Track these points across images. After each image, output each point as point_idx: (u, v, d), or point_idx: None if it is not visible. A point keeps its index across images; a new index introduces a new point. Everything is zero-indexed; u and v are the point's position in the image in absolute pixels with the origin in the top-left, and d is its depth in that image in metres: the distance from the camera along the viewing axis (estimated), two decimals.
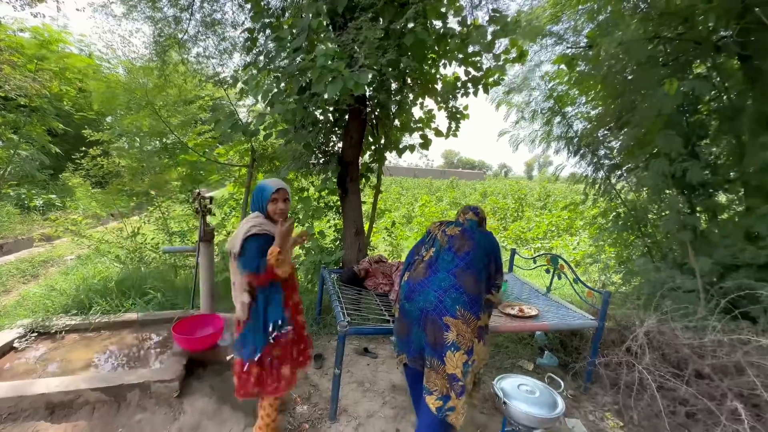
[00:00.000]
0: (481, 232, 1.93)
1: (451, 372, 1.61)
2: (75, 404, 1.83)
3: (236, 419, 1.95)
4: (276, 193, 1.68)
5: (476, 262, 1.78)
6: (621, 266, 4.19)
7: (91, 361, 2.25)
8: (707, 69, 3.57)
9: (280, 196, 1.69)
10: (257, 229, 1.58)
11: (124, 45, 4.13)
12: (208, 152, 3.50)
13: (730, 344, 2.03)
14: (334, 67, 2.44)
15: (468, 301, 1.68)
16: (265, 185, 1.71)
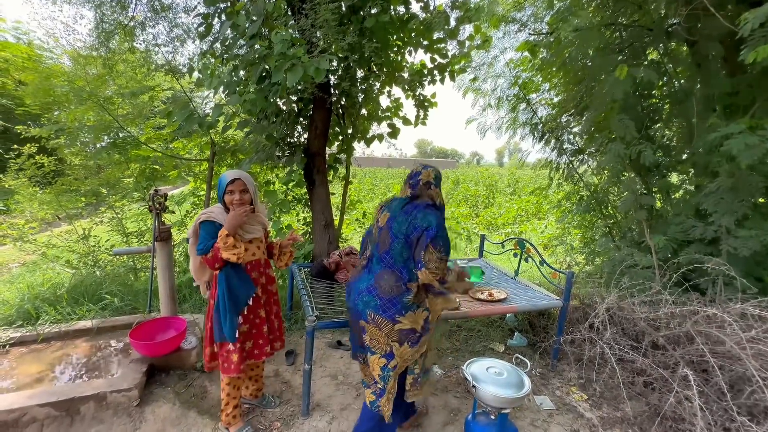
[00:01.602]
0: (407, 213, 1.60)
1: (374, 373, 1.61)
2: (21, 423, 1.69)
3: (203, 424, 1.87)
4: (231, 185, 1.70)
5: (397, 259, 1.57)
6: (585, 247, 4.37)
7: (40, 374, 2.09)
8: (659, 55, 3.72)
9: (236, 187, 1.70)
10: (205, 217, 1.68)
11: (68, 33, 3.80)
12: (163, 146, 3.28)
13: (681, 315, 2.15)
14: (292, 54, 2.34)
15: (380, 305, 1.54)
16: (222, 177, 1.74)
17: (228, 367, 1.70)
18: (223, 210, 1.72)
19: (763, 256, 2.67)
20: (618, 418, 2.15)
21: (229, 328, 1.67)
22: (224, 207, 1.72)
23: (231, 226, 1.62)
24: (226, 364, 1.71)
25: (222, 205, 1.73)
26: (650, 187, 3.58)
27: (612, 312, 2.48)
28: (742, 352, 1.69)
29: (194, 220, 1.76)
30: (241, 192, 1.71)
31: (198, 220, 1.71)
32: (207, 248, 1.64)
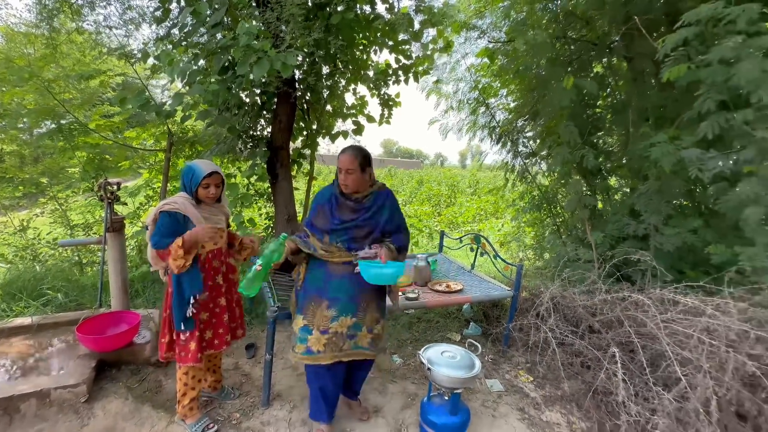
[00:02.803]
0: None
1: None
2: None
3: (158, 417, 1.84)
4: (209, 178, 1.64)
5: None
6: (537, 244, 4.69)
7: None
8: (603, 68, 4.08)
9: (213, 180, 1.66)
10: (167, 207, 1.60)
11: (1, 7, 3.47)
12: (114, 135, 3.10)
13: (612, 302, 2.40)
14: (259, 47, 2.33)
15: None
16: (197, 167, 1.65)
17: (185, 356, 1.67)
18: (187, 201, 1.65)
19: (685, 252, 3.01)
20: (558, 396, 2.37)
21: (187, 317, 1.65)
22: (194, 199, 1.67)
23: (197, 240, 1.59)
24: (183, 353, 1.68)
25: (189, 196, 1.67)
26: (593, 189, 3.92)
27: (555, 301, 2.71)
28: (659, 332, 1.94)
29: (154, 207, 1.72)
30: (217, 186, 1.69)
31: (159, 208, 1.64)
32: (162, 245, 1.60)
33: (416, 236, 5.74)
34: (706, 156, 2.33)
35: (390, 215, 1.76)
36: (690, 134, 2.44)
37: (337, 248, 1.71)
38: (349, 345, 1.72)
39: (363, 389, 2.26)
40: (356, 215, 1.71)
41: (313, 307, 1.71)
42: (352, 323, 1.71)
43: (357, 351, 1.75)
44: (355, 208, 1.72)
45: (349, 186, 1.68)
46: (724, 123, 2.24)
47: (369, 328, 1.76)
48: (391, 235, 1.80)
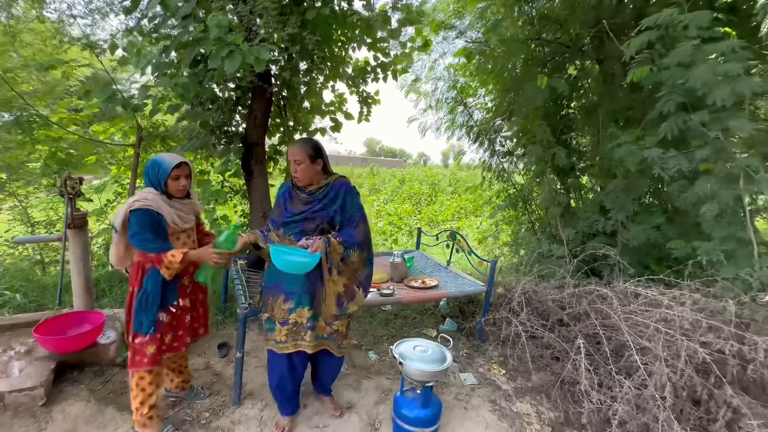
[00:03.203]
0: None
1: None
2: None
3: (122, 419, 1.78)
4: (178, 169, 1.60)
5: None
6: (512, 241, 4.79)
7: None
8: (576, 70, 4.20)
9: (183, 172, 1.62)
10: (140, 204, 1.51)
11: None
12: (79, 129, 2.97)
13: (580, 295, 2.49)
14: (231, 41, 2.28)
15: None
16: (163, 160, 1.60)
17: (140, 360, 1.59)
18: (158, 196, 1.58)
19: (651, 247, 3.13)
20: (529, 388, 2.43)
21: (151, 321, 1.59)
22: (164, 193, 1.61)
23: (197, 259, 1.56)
24: (138, 357, 1.59)
25: (158, 190, 1.60)
26: (567, 187, 4.03)
27: (528, 295, 2.78)
28: (621, 324, 2.02)
29: (120, 207, 1.59)
30: (187, 177, 1.64)
31: (129, 206, 1.53)
32: (154, 249, 1.52)
33: (395, 234, 5.77)
34: (666, 155, 2.45)
35: (341, 207, 1.71)
36: (654, 135, 2.55)
37: (289, 241, 1.70)
38: (311, 336, 1.71)
39: (337, 385, 2.26)
40: (307, 207, 1.69)
41: (272, 301, 1.73)
42: (310, 314, 1.71)
43: (319, 342, 1.76)
44: (307, 200, 1.70)
45: (300, 178, 1.67)
46: (682, 124, 2.35)
47: (327, 322, 1.77)
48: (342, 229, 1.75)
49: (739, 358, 1.58)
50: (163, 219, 1.57)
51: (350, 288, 1.76)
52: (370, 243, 1.80)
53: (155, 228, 1.55)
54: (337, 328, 1.79)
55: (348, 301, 1.76)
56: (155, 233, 1.54)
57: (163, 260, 1.52)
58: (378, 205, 8.01)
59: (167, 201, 1.61)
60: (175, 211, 1.62)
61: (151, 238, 1.52)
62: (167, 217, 1.58)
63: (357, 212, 1.75)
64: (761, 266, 2.14)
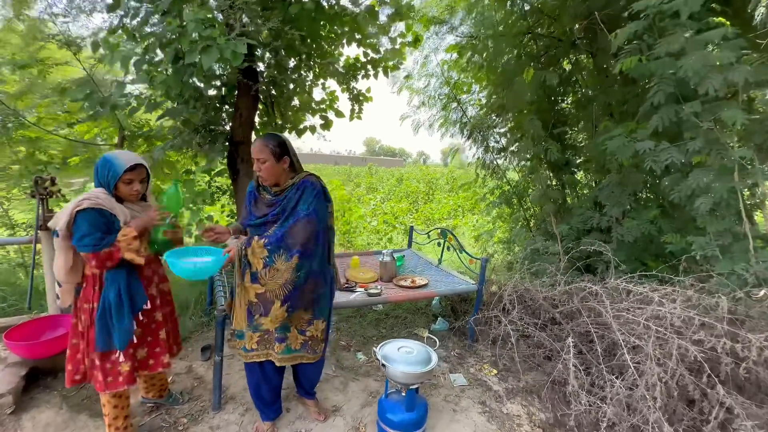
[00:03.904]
0: None
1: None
2: None
3: (95, 426, 1.72)
4: (131, 172, 1.44)
5: None
6: (507, 238, 4.73)
7: None
8: (570, 64, 4.13)
9: (137, 176, 1.47)
10: (90, 203, 1.37)
11: None
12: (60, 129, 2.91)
13: (572, 292, 2.42)
14: (207, 35, 2.22)
15: None
16: (115, 159, 1.43)
17: (114, 381, 1.46)
18: (110, 197, 1.44)
19: (647, 243, 3.07)
20: (520, 388, 2.37)
21: (123, 334, 1.43)
22: (112, 195, 1.45)
23: (146, 227, 1.45)
24: (110, 378, 1.45)
25: (108, 192, 1.44)
26: (562, 183, 3.97)
27: (519, 293, 2.72)
28: (612, 321, 1.95)
29: (63, 208, 1.43)
30: (141, 182, 1.49)
31: (76, 206, 1.36)
32: (105, 244, 1.35)
33: (390, 233, 5.71)
34: (658, 148, 2.38)
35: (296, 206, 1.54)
36: (644, 128, 2.49)
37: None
38: (280, 348, 1.63)
39: (323, 388, 2.21)
40: (269, 210, 1.57)
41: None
42: (279, 324, 1.60)
43: (291, 356, 1.66)
44: (271, 202, 1.58)
45: (264, 177, 1.54)
46: (673, 115, 2.29)
47: (300, 330, 1.67)
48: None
49: (732, 356, 1.52)
50: (117, 220, 1.44)
51: (265, 299, 1.53)
52: (310, 248, 1.52)
53: (108, 229, 1.40)
54: (312, 334, 1.70)
55: (260, 315, 1.55)
56: (108, 232, 1.40)
57: (119, 245, 1.38)
58: (374, 204, 7.95)
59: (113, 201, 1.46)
60: (131, 212, 1.49)
61: (102, 236, 1.37)
62: (122, 217, 1.45)
63: (304, 210, 1.52)
64: (757, 261, 2.08)
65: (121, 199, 1.49)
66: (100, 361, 1.46)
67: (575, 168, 4.11)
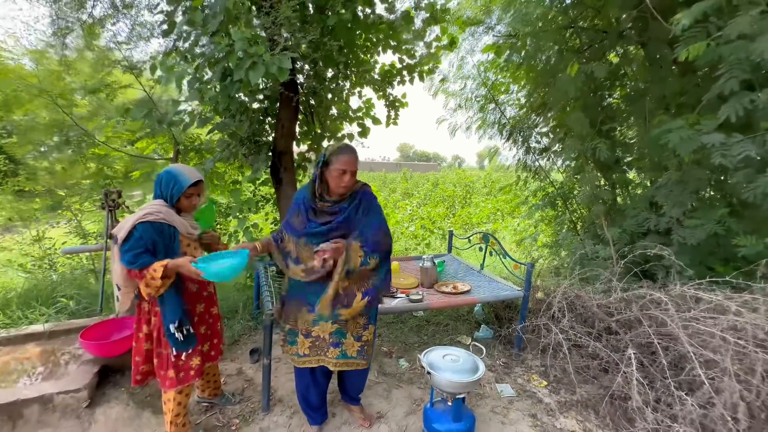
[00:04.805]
0: None
1: None
2: None
3: (157, 423, 1.83)
4: (194, 187, 1.55)
5: None
6: (552, 242, 4.51)
7: None
8: (617, 56, 3.90)
9: (197, 191, 1.57)
10: (153, 217, 1.45)
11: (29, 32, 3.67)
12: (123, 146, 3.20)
13: (630, 300, 2.25)
14: (253, 52, 2.34)
15: None
16: (181, 174, 1.54)
17: (185, 376, 1.55)
18: (171, 210, 1.52)
19: (714, 246, 2.79)
20: (574, 402, 2.23)
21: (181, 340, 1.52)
22: (172, 207, 1.54)
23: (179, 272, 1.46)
24: (182, 373, 1.55)
25: (169, 204, 1.53)
26: (612, 183, 3.73)
27: (570, 300, 2.57)
28: (679, 332, 1.78)
29: (128, 217, 1.50)
30: (199, 196, 1.59)
31: (138, 218, 1.44)
32: (138, 264, 1.41)
33: (428, 238, 5.64)
34: (730, 141, 2.16)
35: (365, 214, 1.65)
36: (711, 119, 2.27)
37: (310, 251, 1.60)
38: (335, 353, 1.67)
39: (366, 394, 2.20)
40: (333, 218, 1.62)
41: (295, 312, 1.69)
42: (334, 329, 1.65)
43: (345, 361, 1.70)
44: (333, 210, 1.62)
45: (347, 187, 1.59)
46: (748, 104, 2.07)
47: (356, 336, 1.70)
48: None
49: None
50: (176, 232, 1.53)
51: (351, 291, 1.61)
52: (389, 253, 1.70)
53: (157, 244, 1.46)
54: (367, 338, 1.73)
55: (343, 306, 1.61)
56: (153, 250, 1.46)
57: (145, 275, 1.41)
58: (411, 209, 7.92)
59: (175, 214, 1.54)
60: (188, 222, 1.59)
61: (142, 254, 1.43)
62: (181, 228, 1.54)
63: (378, 219, 1.68)
64: None
65: (179, 210, 1.59)
66: (175, 359, 1.55)
67: (626, 167, 3.84)
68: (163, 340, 1.55)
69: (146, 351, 1.60)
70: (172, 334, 1.50)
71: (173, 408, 1.64)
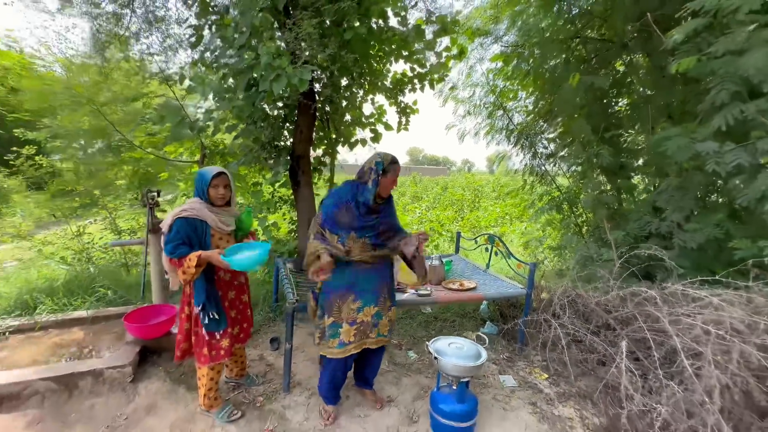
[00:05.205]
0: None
1: None
2: (23, 395, 1.85)
3: (191, 398, 2.05)
4: (216, 179, 1.79)
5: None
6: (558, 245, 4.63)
7: (39, 356, 2.25)
8: (624, 65, 4.02)
9: (221, 182, 1.80)
10: (187, 213, 1.70)
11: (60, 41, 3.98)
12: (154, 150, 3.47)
13: (623, 298, 2.39)
14: (278, 65, 2.56)
15: None
16: (205, 171, 1.82)
17: (216, 355, 1.78)
18: (204, 205, 1.75)
19: (717, 251, 2.88)
20: (573, 393, 2.37)
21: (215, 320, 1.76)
22: (206, 201, 1.78)
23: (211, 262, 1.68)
24: (213, 352, 1.77)
25: (203, 199, 1.78)
26: (618, 188, 3.84)
27: (571, 298, 2.71)
28: (669, 326, 1.92)
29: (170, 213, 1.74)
30: (225, 187, 1.81)
31: (176, 214, 1.68)
32: (177, 254, 1.64)
33: (436, 239, 5.81)
34: (723, 149, 2.29)
35: (390, 210, 2.01)
36: (706, 128, 2.40)
37: (363, 243, 1.83)
38: (375, 333, 1.91)
39: (378, 380, 2.38)
40: (378, 215, 1.90)
41: (339, 303, 1.84)
42: (374, 312, 1.89)
43: (380, 338, 1.94)
44: (377, 209, 1.90)
45: (389, 191, 1.92)
46: (739, 114, 2.20)
47: (387, 317, 1.96)
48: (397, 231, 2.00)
49: None
50: (207, 226, 1.75)
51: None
52: None
53: (191, 237, 1.70)
54: (391, 318, 1.98)
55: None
56: (189, 242, 1.69)
57: (182, 264, 1.64)
58: (420, 212, 8.09)
59: (211, 208, 1.79)
60: (218, 217, 1.80)
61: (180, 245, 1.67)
62: (211, 223, 1.77)
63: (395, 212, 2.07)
64: None
65: (212, 203, 1.81)
66: (208, 339, 1.77)
67: (632, 172, 3.95)
68: (200, 320, 1.77)
69: (186, 330, 1.81)
70: (202, 315, 1.74)
71: (206, 383, 1.86)
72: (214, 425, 1.89)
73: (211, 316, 1.76)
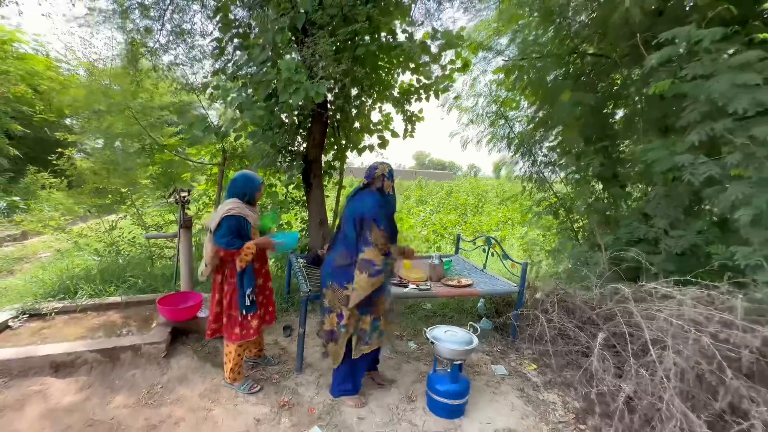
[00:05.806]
0: (355, 199, 2.04)
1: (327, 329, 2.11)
2: (75, 363, 2.14)
3: (216, 373, 2.33)
4: (262, 185, 2.15)
5: (348, 234, 1.98)
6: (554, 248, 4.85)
7: (83, 334, 2.55)
8: (622, 78, 4.26)
9: (263, 187, 2.17)
10: (235, 211, 1.97)
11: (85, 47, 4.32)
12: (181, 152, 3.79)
13: (603, 295, 2.63)
14: (297, 79, 2.86)
15: (334, 274, 2.01)
16: (255, 177, 2.11)
17: (246, 333, 2.06)
18: (244, 205, 2.02)
19: (706, 258, 3.08)
20: (558, 382, 2.60)
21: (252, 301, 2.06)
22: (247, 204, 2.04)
23: (264, 247, 2.07)
24: (244, 331, 2.06)
25: (242, 201, 2.03)
26: (612, 195, 4.07)
27: (560, 296, 2.95)
28: (640, 319, 2.16)
29: (216, 211, 2.02)
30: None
31: (225, 213, 1.93)
32: (233, 246, 1.92)
33: (438, 242, 6.06)
34: (697, 161, 2.53)
35: None
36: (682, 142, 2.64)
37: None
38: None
39: (381, 367, 2.64)
40: None
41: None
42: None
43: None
44: None
45: None
46: (709, 131, 2.44)
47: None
48: None
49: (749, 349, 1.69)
50: (249, 223, 2.03)
51: None
52: None
53: (240, 231, 1.97)
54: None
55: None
56: (239, 235, 1.97)
57: (243, 250, 1.96)
58: (423, 216, 8.35)
59: (249, 207, 2.06)
60: (254, 215, 2.10)
61: (234, 239, 1.94)
62: (251, 221, 2.06)
63: None
64: None
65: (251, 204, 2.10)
66: (241, 319, 2.05)
67: (626, 181, 4.17)
68: (234, 304, 2.04)
69: (216, 313, 2.09)
70: (245, 298, 2.00)
71: (234, 358, 2.13)
72: (237, 395, 2.16)
73: (251, 299, 2.04)
